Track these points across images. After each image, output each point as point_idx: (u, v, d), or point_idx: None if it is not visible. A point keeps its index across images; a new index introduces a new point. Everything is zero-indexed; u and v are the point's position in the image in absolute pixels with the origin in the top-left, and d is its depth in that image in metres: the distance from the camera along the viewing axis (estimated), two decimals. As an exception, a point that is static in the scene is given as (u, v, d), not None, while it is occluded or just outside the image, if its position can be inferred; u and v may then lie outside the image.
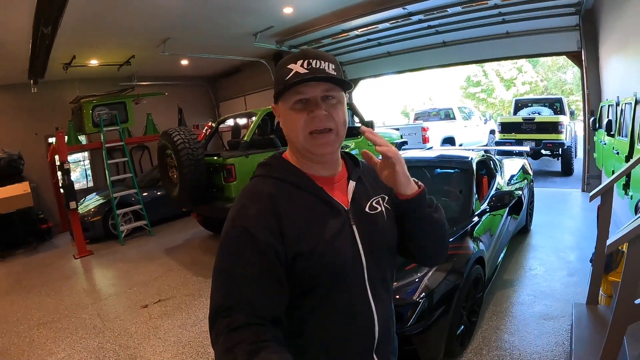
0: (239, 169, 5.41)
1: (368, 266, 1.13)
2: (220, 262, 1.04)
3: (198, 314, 4.29)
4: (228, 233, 1.05)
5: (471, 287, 3.11)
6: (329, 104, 1.07)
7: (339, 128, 1.09)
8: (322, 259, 1.04)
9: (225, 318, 0.95)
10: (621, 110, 4.81)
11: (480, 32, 8.85)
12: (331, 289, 1.08)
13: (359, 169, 1.24)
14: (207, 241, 7.06)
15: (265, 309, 0.98)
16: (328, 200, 1.12)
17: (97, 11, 5.94)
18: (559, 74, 26.50)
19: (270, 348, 0.90)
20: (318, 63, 1.06)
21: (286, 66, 1.07)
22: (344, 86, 1.10)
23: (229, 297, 0.98)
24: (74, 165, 11.04)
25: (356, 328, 1.12)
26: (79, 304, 4.88)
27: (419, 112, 14.72)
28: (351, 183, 1.19)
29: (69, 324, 4.36)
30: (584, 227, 6.06)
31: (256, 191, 1.09)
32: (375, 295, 1.14)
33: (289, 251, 1.02)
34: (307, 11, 7.36)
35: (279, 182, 1.11)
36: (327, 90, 1.06)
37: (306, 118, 1.05)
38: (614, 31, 5.93)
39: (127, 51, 8.61)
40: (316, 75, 1.04)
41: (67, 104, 9.00)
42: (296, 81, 1.03)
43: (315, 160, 1.13)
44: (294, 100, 1.06)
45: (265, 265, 1.00)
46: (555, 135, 10.64)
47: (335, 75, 1.07)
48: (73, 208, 6.88)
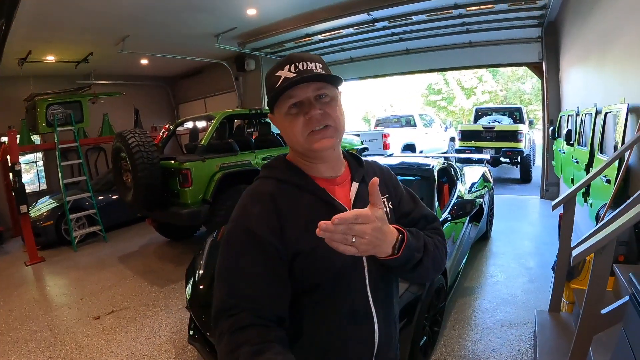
0: (195, 173, 5.26)
1: (369, 269, 1.12)
2: (224, 261, 1.05)
3: (153, 325, 4.08)
4: (231, 233, 1.06)
5: (433, 297, 3.06)
6: (323, 103, 1.07)
7: (337, 123, 1.09)
8: (322, 259, 1.04)
9: (230, 318, 0.95)
10: (581, 120, 4.91)
11: (443, 41, 9.00)
12: (331, 291, 1.07)
13: (362, 170, 1.23)
14: (162, 248, 6.80)
15: (269, 309, 0.99)
16: (330, 201, 1.11)
17: (55, 4, 5.66)
18: (518, 84, 27.35)
19: (274, 349, 0.90)
20: (305, 65, 1.06)
21: (274, 74, 1.08)
22: (334, 82, 1.10)
23: (232, 296, 0.99)
24: (27, 166, 10.66)
25: (356, 332, 1.11)
26: (29, 315, 4.61)
27: (380, 119, 14.78)
28: (354, 184, 1.19)
29: (19, 337, 4.10)
30: (544, 233, 6.18)
31: (258, 191, 1.11)
32: (376, 299, 1.13)
33: (289, 250, 1.03)
34: (271, 13, 7.27)
35: (280, 183, 1.12)
36: (318, 89, 1.06)
37: (303, 120, 1.05)
38: (575, 44, 6.07)
39: (85, 48, 8.28)
40: (303, 76, 1.03)
41: (21, 101, 8.58)
42: (285, 85, 1.03)
43: (317, 158, 1.12)
44: (288, 105, 1.06)
45: (269, 264, 1.01)
46: (514, 144, 10.88)
47: (322, 72, 1.07)
48: (24, 212, 6.51)
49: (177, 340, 3.73)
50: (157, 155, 5.36)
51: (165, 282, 5.16)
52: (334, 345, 1.09)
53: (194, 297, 3.07)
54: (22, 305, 4.91)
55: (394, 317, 1.23)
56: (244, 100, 10.88)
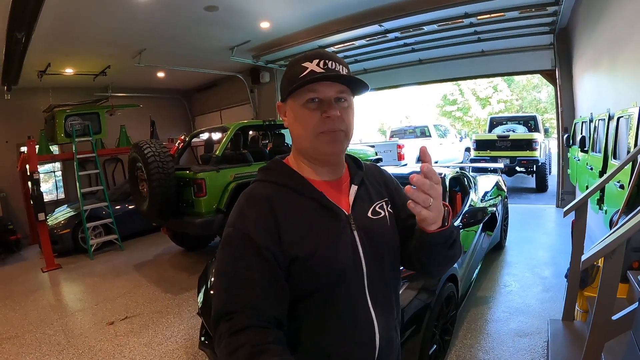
0: (210, 183, 5.30)
1: (368, 272, 1.11)
2: (222, 266, 1.04)
3: (165, 332, 4.11)
4: (228, 238, 1.05)
5: (443, 305, 3.02)
6: (341, 107, 1.06)
7: (349, 130, 1.09)
8: (321, 264, 1.03)
9: (228, 321, 0.95)
10: (594, 126, 4.86)
11: (456, 51, 9.00)
12: (330, 296, 1.06)
13: (361, 172, 1.22)
14: (177, 257, 6.87)
15: (267, 312, 0.98)
16: (328, 205, 1.10)
17: (73, 19, 5.86)
18: (534, 93, 27.12)
19: (273, 350, 0.89)
20: (334, 64, 1.06)
21: (300, 64, 1.06)
22: (359, 89, 1.10)
23: (231, 300, 0.98)
24: (46, 176, 10.85)
25: (356, 336, 1.09)
26: (44, 319, 4.69)
27: (394, 130, 14.81)
28: (353, 187, 1.17)
29: (33, 340, 4.17)
30: (559, 242, 6.08)
31: (254, 195, 1.09)
32: (375, 302, 1.12)
33: (286, 255, 1.02)
34: (283, 26, 7.39)
35: (278, 187, 1.10)
36: (340, 92, 1.06)
37: (320, 118, 1.04)
38: (587, 49, 6.04)
39: (103, 61, 8.50)
40: (334, 74, 1.04)
41: (40, 112, 8.78)
42: (313, 78, 1.02)
43: (321, 160, 1.12)
44: (307, 98, 1.04)
45: (267, 269, 1.00)
46: (529, 153, 10.78)
47: (350, 75, 1.07)
48: (42, 220, 6.66)
49: (188, 347, 3.75)
50: (173, 165, 5.42)
51: (178, 290, 5.21)
52: (336, 351, 1.08)
53: (205, 304, 3.10)
54: (38, 310, 5.00)
55: (394, 321, 1.21)
56: (259, 112, 10.99)
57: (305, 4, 6.42)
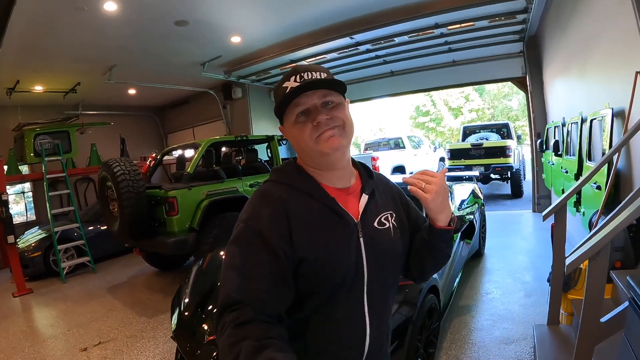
0: (182, 201, 5.18)
1: (369, 279, 1.14)
2: (232, 258, 1.05)
3: (140, 357, 3.94)
4: (241, 233, 1.07)
5: (425, 317, 2.94)
6: (329, 108, 1.09)
7: (345, 124, 1.11)
8: (326, 268, 1.06)
9: (233, 311, 0.95)
10: (567, 130, 4.91)
11: (427, 61, 9.12)
12: (329, 298, 1.09)
13: (372, 182, 1.26)
14: (151, 278, 6.65)
15: (272, 307, 1.00)
16: (339, 211, 1.13)
17: (41, 35, 5.72)
18: (505, 102, 27.65)
19: (276, 346, 0.90)
20: (310, 74, 1.09)
21: (281, 86, 1.11)
22: (338, 88, 1.12)
23: (238, 292, 0.99)
24: (17, 197, 10.59)
25: (346, 338, 1.13)
26: (15, 347, 4.50)
27: (369, 142, 14.90)
28: (364, 196, 1.20)
29: (4, 369, 3.99)
30: (538, 246, 6.12)
31: (268, 194, 1.12)
32: (371, 308, 1.15)
33: (295, 255, 1.04)
34: (255, 41, 7.34)
35: (292, 189, 1.13)
36: (324, 96, 1.08)
37: (312, 127, 1.07)
38: (557, 54, 6.15)
39: (73, 78, 8.31)
40: (307, 82, 1.07)
41: (9, 131, 8.52)
42: (290, 94, 1.06)
43: (328, 165, 1.14)
44: (296, 114, 1.08)
45: (277, 266, 1.02)
46: (503, 159, 10.96)
47: (326, 78, 1.10)
48: (11, 242, 6.42)
49: (163, 373, 3.58)
50: (143, 183, 5.28)
51: (153, 313, 5.02)
52: (327, 350, 1.12)
53: (179, 327, 2.95)
54: (9, 337, 4.82)
55: (386, 329, 1.25)
56: (232, 127, 10.88)
57: (276, 18, 6.38)
